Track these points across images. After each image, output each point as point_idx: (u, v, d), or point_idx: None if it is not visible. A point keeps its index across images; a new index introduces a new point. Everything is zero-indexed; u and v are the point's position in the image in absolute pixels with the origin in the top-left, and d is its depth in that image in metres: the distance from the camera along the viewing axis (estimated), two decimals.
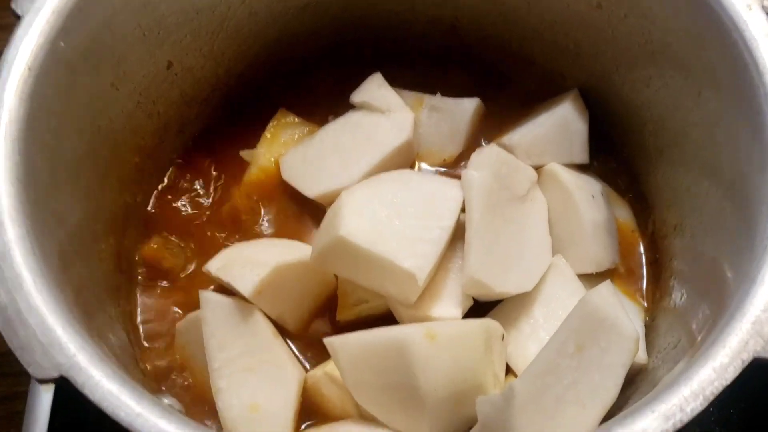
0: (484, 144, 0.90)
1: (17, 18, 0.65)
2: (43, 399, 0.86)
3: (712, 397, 0.52)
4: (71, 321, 0.55)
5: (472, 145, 0.90)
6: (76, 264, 0.67)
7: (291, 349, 0.78)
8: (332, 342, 0.69)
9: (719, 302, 0.63)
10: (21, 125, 0.61)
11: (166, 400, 0.63)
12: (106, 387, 0.51)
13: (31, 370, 0.52)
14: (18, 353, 0.53)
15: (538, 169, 0.84)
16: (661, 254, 0.83)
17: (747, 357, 0.53)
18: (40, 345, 0.53)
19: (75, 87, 0.69)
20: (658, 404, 0.53)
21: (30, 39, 0.64)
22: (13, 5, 0.65)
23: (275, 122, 0.90)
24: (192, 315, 0.77)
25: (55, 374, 0.52)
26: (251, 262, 0.75)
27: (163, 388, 0.74)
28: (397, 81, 0.89)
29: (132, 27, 0.74)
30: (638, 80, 0.81)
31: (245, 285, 0.73)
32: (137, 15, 0.74)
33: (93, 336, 0.58)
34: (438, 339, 0.66)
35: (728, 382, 0.53)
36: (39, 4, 0.65)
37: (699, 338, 0.62)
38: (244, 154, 0.89)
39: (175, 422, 0.51)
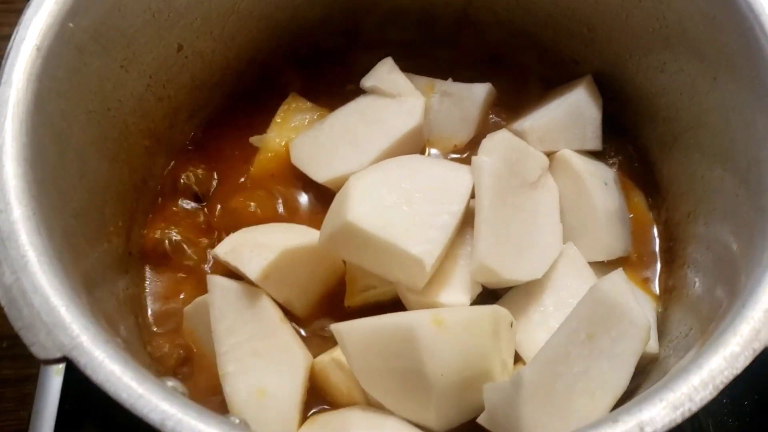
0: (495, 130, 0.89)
1: None
2: (54, 382, 0.86)
3: (722, 386, 0.51)
4: (76, 302, 0.55)
5: (483, 130, 0.89)
6: (83, 245, 0.67)
7: (299, 333, 0.77)
8: (339, 328, 0.69)
9: (732, 291, 0.62)
10: (29, 106, 0.61)
11: (170, 383, 0.63)
12: (109, 368, 0.51)
13: (33, 350, 0.52)
14: (21, 333, 0.53)
15: (550, 155, 0.83)
16: (675, 242, 0.82)
17: (759, 346, 0.52)
18: (44, 325, 0.53)
19: (84, 68, 0.69)
20: (666, 393, 0.52)
21: (39, 19, 0.64)
22: None
23: (286, 107, 0.90)
24: (200, 299, 0.77)
25: (57, 354, 0.52)
26: (259, 246, 0.75)
27: (169, 371, 0.74)
28: (408, 66, 0.88)
29: (142, 9, 0.74)
30: (653, 66, 0.80)
31: (252, 269, 0.73)
32: None
33: (98, 317, 0.58)
34: (445, 325, 0.65)
35: (739, 371, 0.52)
36: None
37: (711, 327, 0.61)
38: (254, 140, 0.88)
39: (177, 404, 0.51)
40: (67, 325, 0.53)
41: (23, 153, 0.59)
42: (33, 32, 0.63)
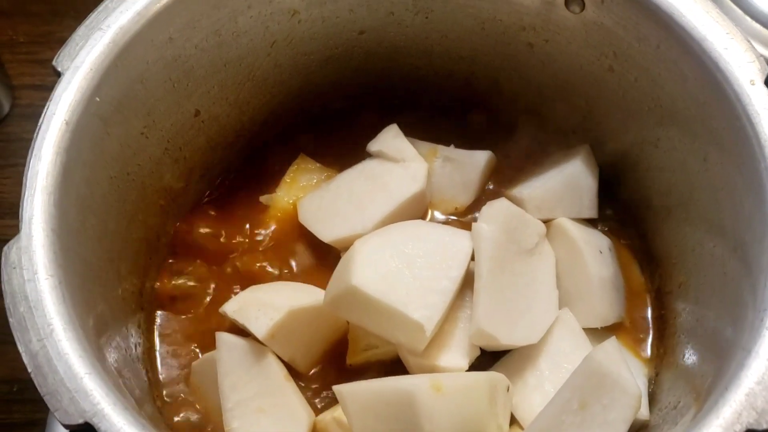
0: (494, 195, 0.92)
1: (58, 75, 0.68)
2: (62, 426, 0.89)
3: None
4: (97, 368, 0.58)
5: (483, 195, 0.92)
6: (101, 305, 0.70)
7: (302, 391, 0.80)
8: (341, 390, 0.71)
9: (720, 367, 0.64)
10: (57, 178, 0.64)
11: None
12: None
13: (57, 416, 0.55)
14: (46, 399, 0.56)
15: (547, 222, 0.86)
16: (667, 311, 0.84)
17: (740, 429, 0.55)
18: (68, 392, 0.56)
19: (107, 137, 0.72)
20: None
21: (68, 95, 0.67)
22: (54, 62, 0.68)
23: (295, 167, 0.93)
24: (207, 355, 0.80)
25: (80, 420, 0.55)
26: (266, 305, 0.78)
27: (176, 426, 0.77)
28: (412, 131, 0.91)
29: (163, 80, 0.78)
30: (647, 141, 0.83)
31: (259, 328, 0.76)
32: (168, 69, 0.78)
33: (116, 380, 0.61)
34: (444, 390, 0.68)
35: None
36: (78, 62, 0.68)
37: (699, 403, 0.64)
38: (264, 198, 0.92)
39: None
40: (89, 392, 0.56)
41: (50, 223, 0.62)
42: (62, 107, 0.66)
